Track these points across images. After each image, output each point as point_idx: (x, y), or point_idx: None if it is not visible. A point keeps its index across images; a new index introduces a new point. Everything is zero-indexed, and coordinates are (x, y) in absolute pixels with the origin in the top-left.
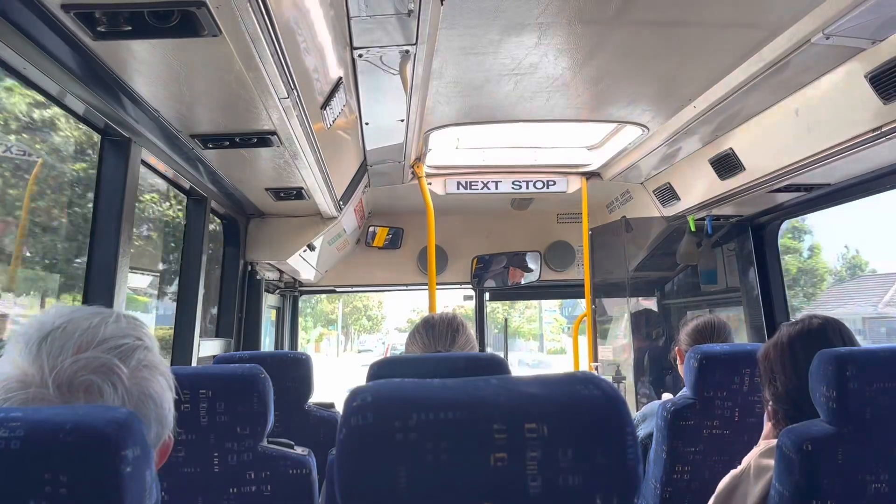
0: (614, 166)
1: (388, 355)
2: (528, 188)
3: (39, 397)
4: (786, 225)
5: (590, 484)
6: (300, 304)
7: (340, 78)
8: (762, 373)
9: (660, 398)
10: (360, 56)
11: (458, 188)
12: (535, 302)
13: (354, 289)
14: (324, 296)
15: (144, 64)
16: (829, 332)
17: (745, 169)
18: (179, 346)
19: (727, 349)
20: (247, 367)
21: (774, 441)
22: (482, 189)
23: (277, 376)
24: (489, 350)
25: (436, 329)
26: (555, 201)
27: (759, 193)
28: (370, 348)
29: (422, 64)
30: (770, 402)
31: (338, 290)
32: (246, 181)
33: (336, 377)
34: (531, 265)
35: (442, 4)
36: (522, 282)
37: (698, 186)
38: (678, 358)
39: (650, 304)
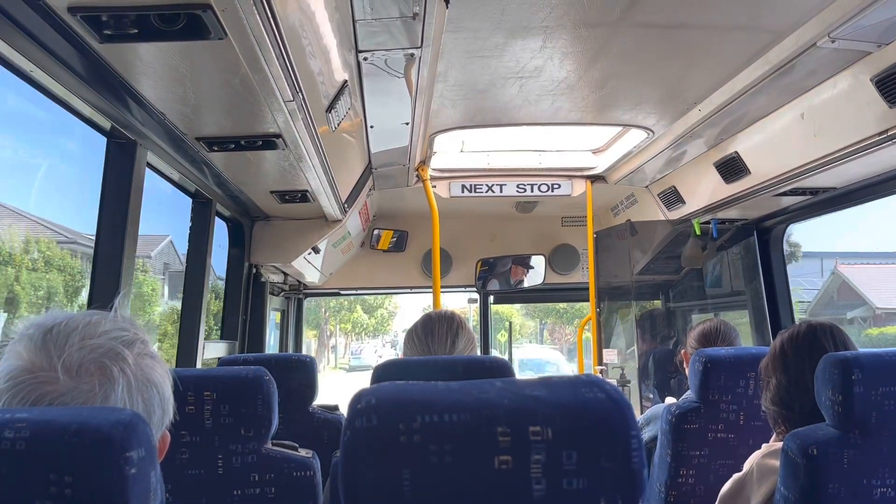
0: (619, 170)
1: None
2: (532, 191)
3: (48, 381)
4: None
5: (594, 487)
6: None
7: (345, 81)
8: (762, 381)
9: (664, 402)
10: (365, 59)
11: (463, 191)
12: None
13: (359, 291)
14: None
15: (150, 67)
16: (818, 334)
17: (750, 172)
18: (184, 348)
19: (732, 353)
20: (251, 369)
21: (778, 444)
22: (487, 192)
23: (282, 378)
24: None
25: (434, 333)
26: (559, 205)
27: (764, 197)
28: (368, 363)
29: (427, 67)
30: (768, 407)
31: (342, 292)
32: (251, 184)
33: None
34: (536, 268)
35: (447, 8)
36: (527, 285)
37: (703, 190)
38: (684, 361)
39: (655, 307)
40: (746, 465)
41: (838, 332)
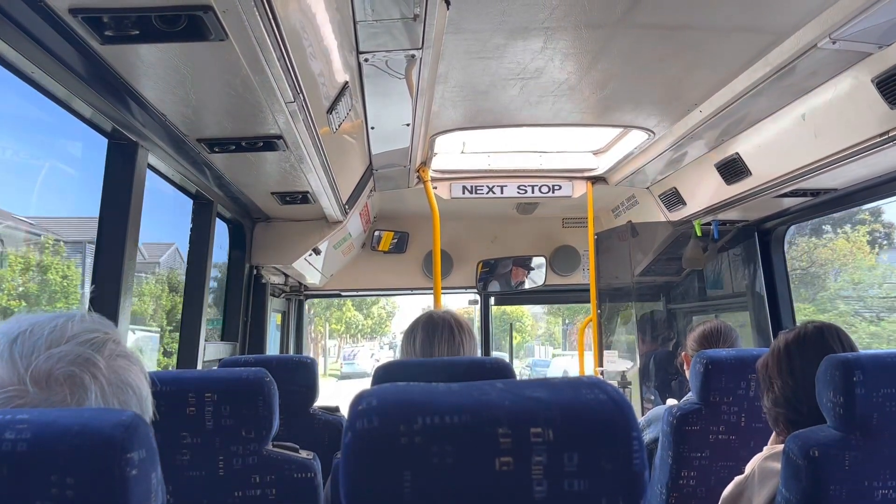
0: (620, 171)
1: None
2: (533, 192)
3: (17, 395)
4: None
5: (595, 489)
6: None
7: (346, 82)
8: (761, 381)
9: (665, 403)
10: (366, 60)
11: (464, 192)
12: None
13: (360, 293)
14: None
15: (151, 68)
16: (825, 336)
17: (751, 174)
18: (185, 349)
19: (733, 354)
20: (252, 370)
21: (779, 446)
22: (487, 193)
23: (283, 380)
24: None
25: (436, 349)
26: (560, 206)
27: (765, 198)
28: (363, 370)
29: (428, 68)
30: (770, 409)
31: (343, 294)
32: (252, 185)
33: None
34: (536, 270)
35: (448, 9)
36: (528, 286)
37: (704, 191)
38: (685, 363)
39: (656, 308)
40: (748, 468)
41: (843, 333)
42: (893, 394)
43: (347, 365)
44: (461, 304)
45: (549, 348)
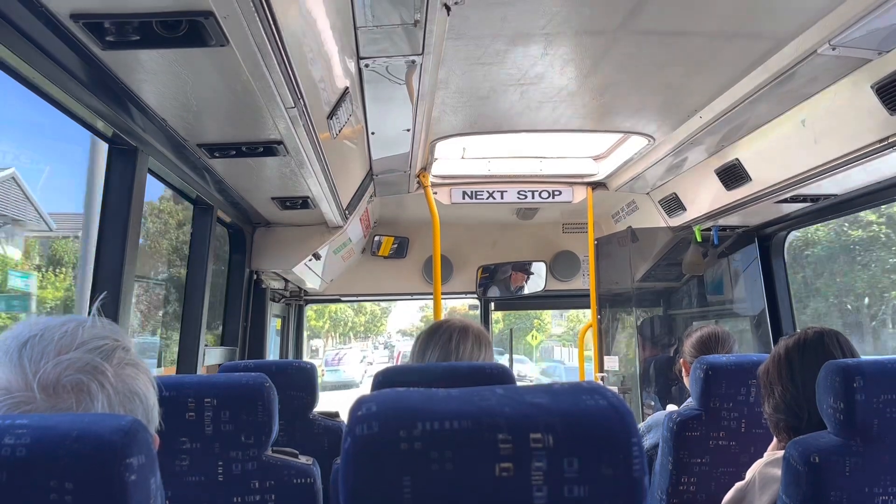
0: (620, 176)
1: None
2: (533, 198)
3: (25, 402)
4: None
5: (595, 495)
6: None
7: (347, 87)
8: (762, 387)
9: (665, 409)
10: (367, 66)
11: (464, 197)
12: None
13: (360, 298)
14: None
15: (152, 73)
16: (826, 341)
17: (751, 179)
18: (185, 354)
19: (733, 360)
20: (252, 375)
21: (780, 452)
22: (488, 198)
23: (282, 385)
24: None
25: (452, 353)
26: (560, 211)
27: (765, 204)
28: (351, 378)
29: (428, 74)
30: (770, 414)
31: (343, 299)
32: (252, 190)
33: None
34: (536, 275)
35: (448, 15)
36: (527, 291)
37: (704, 197)
38: (683, 369)
39: (656, 314)
40: (749, 474)
41: (844, 338)
42: (894, 400)
43: (330, 371)
44: (461, 305)
45: (574, 350)
